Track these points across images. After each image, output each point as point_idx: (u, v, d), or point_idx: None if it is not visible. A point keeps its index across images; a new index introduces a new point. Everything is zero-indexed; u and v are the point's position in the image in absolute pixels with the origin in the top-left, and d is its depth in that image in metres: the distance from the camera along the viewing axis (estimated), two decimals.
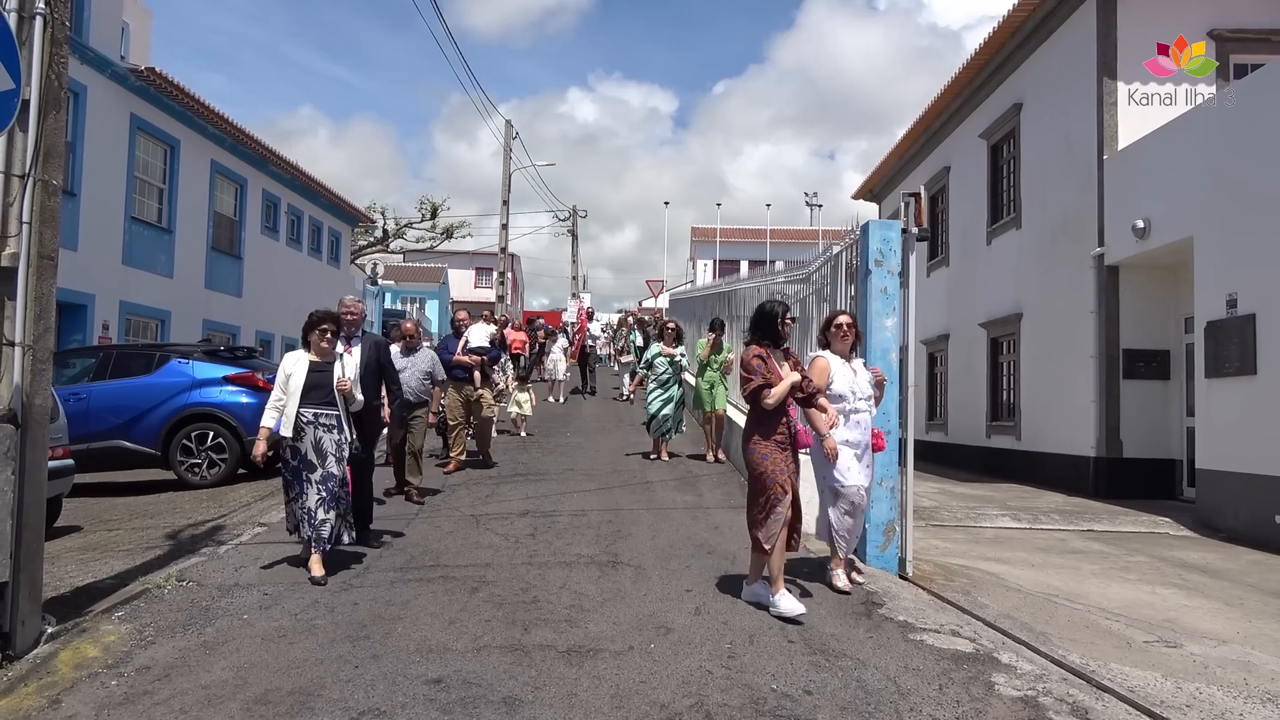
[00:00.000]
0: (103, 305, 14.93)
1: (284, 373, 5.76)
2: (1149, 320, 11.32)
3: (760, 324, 5.32)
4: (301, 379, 5.68)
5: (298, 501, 5.71)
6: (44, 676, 3.92)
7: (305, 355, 5.80)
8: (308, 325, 5.84)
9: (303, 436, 5.66)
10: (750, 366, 5.07)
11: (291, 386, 5.69)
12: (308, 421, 5.69)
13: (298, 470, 5.70)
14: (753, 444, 5.07)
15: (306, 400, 5.67)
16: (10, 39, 4.07)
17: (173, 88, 16.08)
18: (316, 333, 5.82)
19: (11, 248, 4.18)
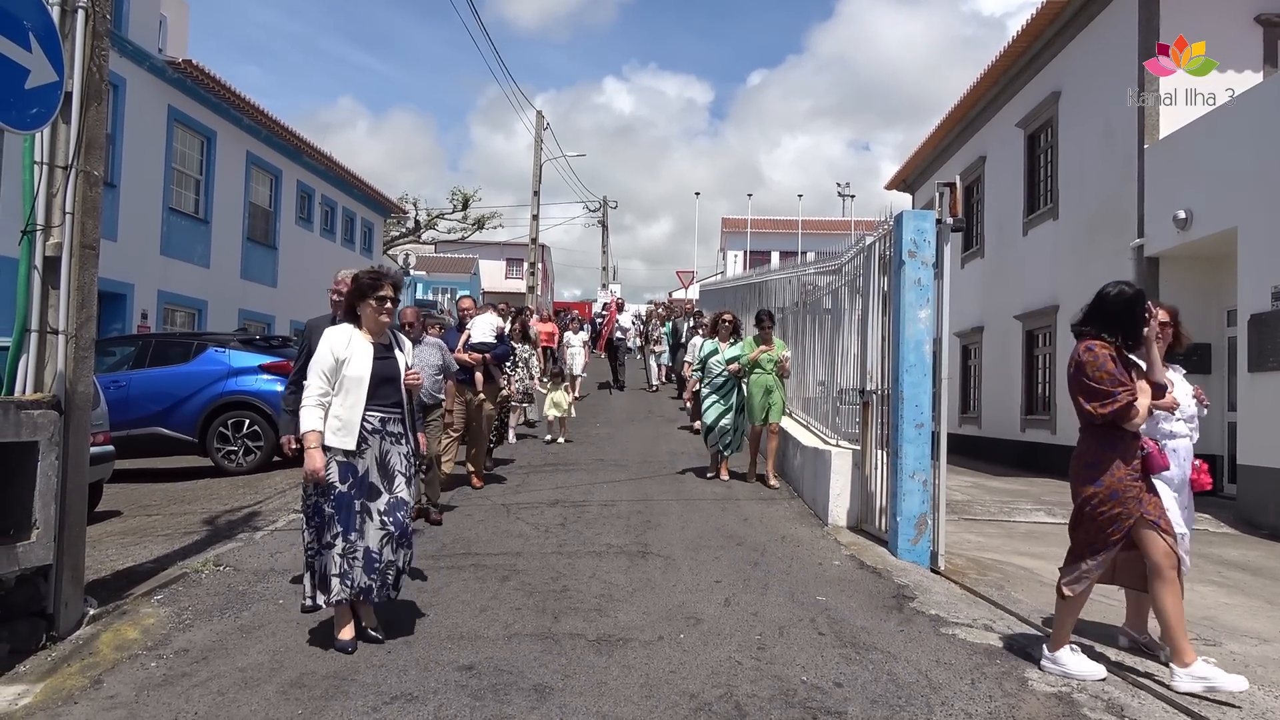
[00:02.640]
0: (142, 294, 15.21)
1: (331, 355, 4.09)
2: (1190, 313, 10.92)
3: (1113, 313, 3.97)
4: (366, 368, 4.10)
5: (340, 544, 4.05)
6: (86, 657, 4.01)
7: (359, 334, 4.22)
8: (358, 290, 4.23)
9: (364, 450, 4.09)
10: (1106, 373, 3.85)
11: (349, 378, 4.09)
12: (373, 430, 4.12)
13: (346, 500, 4.06)
14: (1106, 475, 3.91)
15: (372, 400, 4.12)
16: (54, 32, 4.15)
17: (209, 80, 16.30)
18: (373, 302, 4.19)
19: (55, 237, 4.26)
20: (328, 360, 4.09)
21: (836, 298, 8.93)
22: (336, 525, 4.05)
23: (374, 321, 4.22)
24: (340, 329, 4.22)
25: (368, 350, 4.16)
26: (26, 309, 4.20)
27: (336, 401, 4.06)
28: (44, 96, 4.07)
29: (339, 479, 4.05)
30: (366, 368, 4.11)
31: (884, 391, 6.82)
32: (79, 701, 3.52)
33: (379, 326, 4.23)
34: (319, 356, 4.12)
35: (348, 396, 4.07)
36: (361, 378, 4.08)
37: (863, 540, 6.80)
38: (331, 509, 4.05)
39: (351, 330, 4.21)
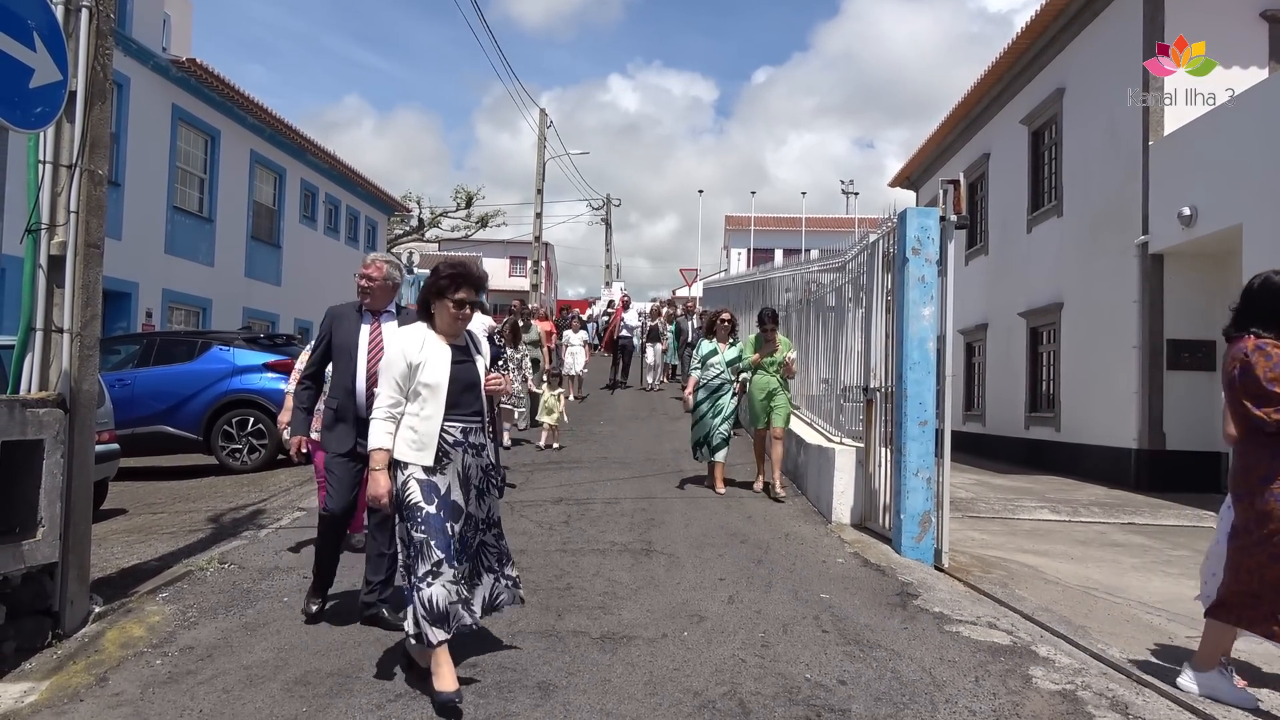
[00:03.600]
0: (146, 293, 15.24)
1: (404, 360, 3.53)
2: (1194, 310, 11.06)
3: (1272, 307, 3.58)
4: (444, 374, 3.55)
5: (449, 572, 3.44)
6: (91, 655, 4.02)
7: (434, 335, 3.65)
8: (435, 288, 3.63)
9: (444, 466, 3.54)
10: None
11: (425, 385, 3.53)
12: (454, 442, 3.56)
13: (437, 522, 3.46)
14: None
15: (452, 409, 3.57)
16: (58, 31, 4.15)
17: (213, 79, 16.32)
18: (451, 305, 3.61)
19: (60, 236, 4.28)
20: (399, 365, 3.52)
21: (840, 295, 8.92)
22: (435, 552, 3.40)
23: (451, 324, 3.65)
24: (412, 330, 3.66)
25: (445, 353, 3.59)
26: (31, 308, 4.21)
27: (411, 412, 3.53)
28: (48, 95, 4.08)
29: (423, 498, 3.46)
30: (445, 373, 3.55)
31: (888, 389, 6.81)
32: (84, 699, 3.53)
33: (456, 329, 3.68)
34: (389, 362, 3.56)
35: (424, 406, 3.52)
36: (439, 384, 3.52)
37: (866, 538, 6.79)
38: (423, 534, 3.42)
39: (425, 331, 3.64)
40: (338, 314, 4.58)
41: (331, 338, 4.50)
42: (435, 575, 3.39)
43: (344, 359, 4.45)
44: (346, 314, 4.54)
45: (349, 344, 4.43)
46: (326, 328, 4.55)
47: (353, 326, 4.47)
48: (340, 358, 4.47)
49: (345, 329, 4.48)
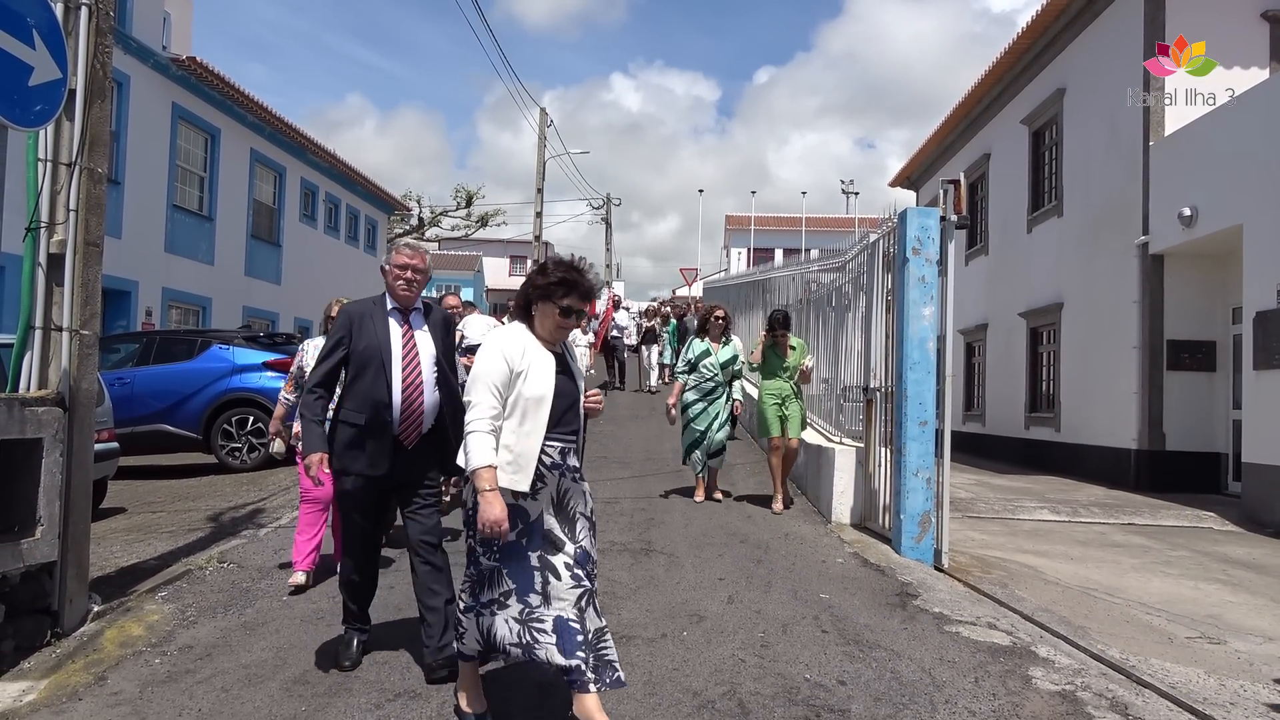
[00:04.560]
0: (146, 292, 15.23)
1: (506, 366, 3.08)
2: (1195, 310, 11.06)
3: None
4: (549, 386, 3.12)
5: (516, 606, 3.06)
6: (90, 654, 4.01)
7: (534, 340, 3.20)
8: (542, 290, 3.18)
9: (538, 491, 3.09)
10: None
11: (527, 398, 3.08)
12: (552, 464, 3.13)
13: (517, 551, 3.08)
14: None
15: (554, 428, 3.13)
16: (57, 29, 4.15)
17: (213, 77, 16.31)
18: (559, 308, 3.18)
19: (59, 235, 4.27)
20: (500, 371, 3.06)
21: (840, 295, 8.92)
22: (507, 581, 3.06)
23: (553, 331, 3.21)
24: (513, 332, 3.20)
25: (549, 363, 3.15)
26: (31, 306, 4.21)
27: (507, 428, 3.06)
28: (48, 94, 4.07)
29: (527, 524, 3.09)
30: (550, 385, 3.10)
31: (888, 389, 6.81)
32: (83, 698, 3.53)
33: (558, 338, 3.24)
34: (489, 367, 3.07)
35: (524, 421, 3.06)
36: (543, 398, 3.08)
37: (866, 538, 6.79)
38: (494, 562, 3.07)
39: (526, 335, 3.19)
40: (359, 313, 3.90)
41: (352, 341, 3.83)
42: (500, 606, 3.06)
43: (372, 366, 3.77)
44: (370, 313, 3.89)
45: (378, 349, 3.78)
46: (344, 329, 3.86)
47: (380, 328, 3.83)
48: (367, 365, 3.78)
49: (371, 331, 3.82)
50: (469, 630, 3.14)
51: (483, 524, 2.94)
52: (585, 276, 3.21)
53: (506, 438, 3.06)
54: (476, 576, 3.14)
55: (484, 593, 3.10)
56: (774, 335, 7.89)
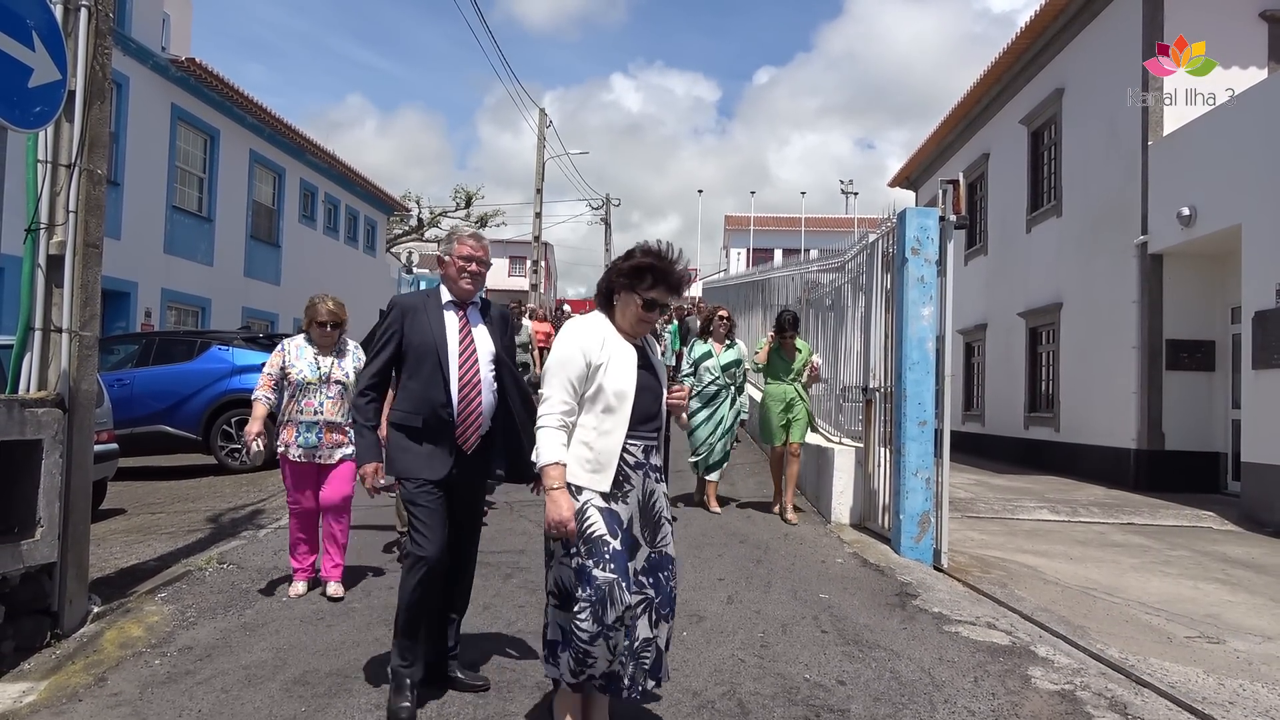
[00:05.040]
0: (145, 293, 15.23)
1: (583, 359, 2.91)
2: (1193, 310, 11.06)
3: None
4: (632, 380, 2.94)
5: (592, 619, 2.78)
6: (90, 655, 4.01)
7: (616, 332, 3.02)
8: (629, 275, 2.98)
9: (627, 493, 2.93)
10: None
11: (609, 392, 2.90)
12: (636, 463, 2.97)
13: (622, 561, 2.85)
14: None
15: (637, 425, 2.97)
16: (57, 31, 4.15)
17: (212, 78, 16.31)
18: (642, 299, 2.97)
19: (59, 236, 4.27)
20: (577, 364, 2.89)
21: (839, 295, 8.92)
22: (626, 596, 2.83)
23: (635, 324, 3.00)
24: (590, 322, 3.01)
25: (630, 356, 2.97)
26: (30, 307, 4.21)
27: (586, 424, 2.89)
28: (47, 95, 4.07)
29: (607, 530, 2.83)
30: (632, 380, 2.92)
31: (887, 389, 6.82)
32: (83, 699, 3.53)
33: (639, 330, 3.04)
34: (564, 359, 2.91)
35: (605, 417, 2.89)
36: (627, 392, 2.90)
37: (866, 538, 6.80)
38: (612, 575, 2.79)
39: (606, 325, 3.00)
40: (411, 306, 3.64)
41: (404, 336, 3.58)
42: (622, 622, 2.80)
43: (427, 363, 3.53)
44: (423, 306, 3.63)
45: (433, 344, 3.54)
46: (395, 324, 3.59)
47: (435, 322, 3.58)
48: (422, 362, 3.54)
49: (425, 325, 3.57)
50: (599, 659, 2.77)
51: (549, 523, 2.79)
52: (674, 266, 2.97)
53: (586, 434, 2.89)
54: (595, 596, 2.76)
55: (609, 612, 2.76)
56: (782, 337, 7.60)
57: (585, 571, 2.80)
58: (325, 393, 4.95)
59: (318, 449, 4.95)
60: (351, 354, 5.12)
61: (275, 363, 4.97)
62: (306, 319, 5.04)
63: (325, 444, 4.97)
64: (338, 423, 4.98)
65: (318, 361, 4.97)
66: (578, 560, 2.82)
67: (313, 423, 4.92)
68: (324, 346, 5.01)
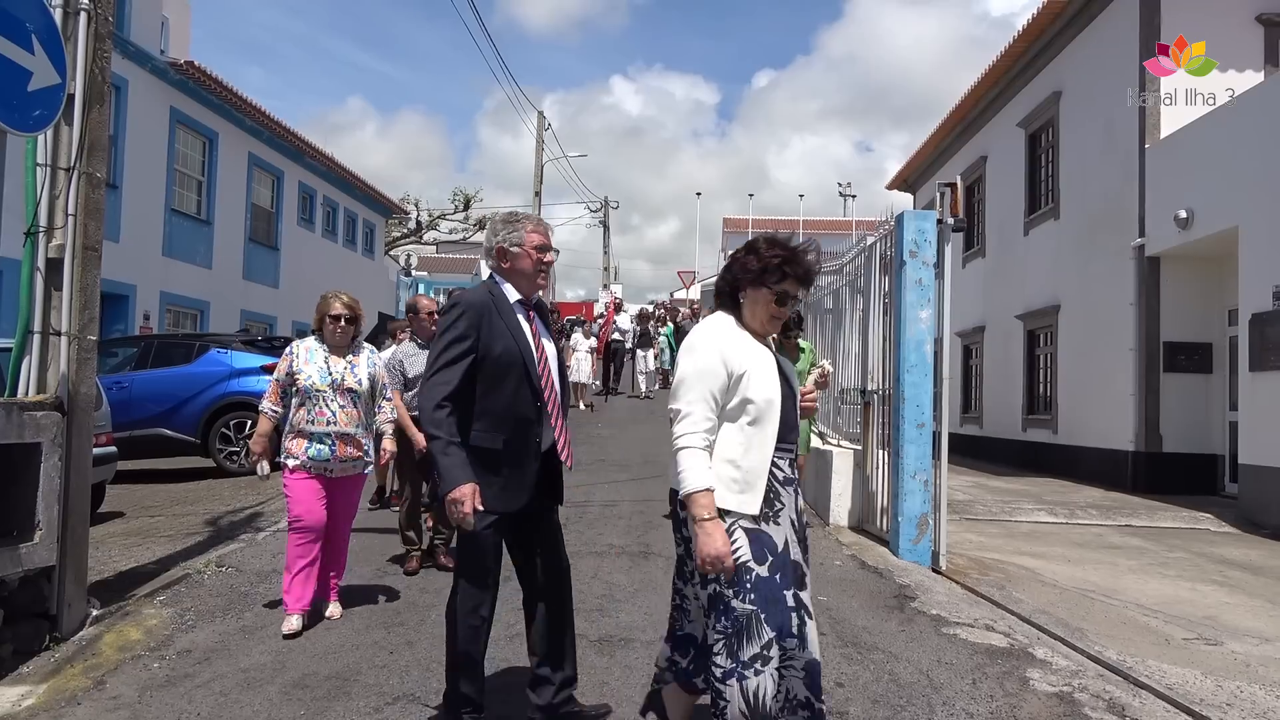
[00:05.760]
0: (144, 296, 15.23)
1: (723, 365, 2.56)
2: (1191, 312, 11.08)
3: None
4: (777, 388, 2.61)
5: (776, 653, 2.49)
6: (89, 658, 4.01)
7: (748, 334, 2.69)
8: (758, 268, 2.65)
9: (779, 512, 2.60)
10: None
11: (755, 403, 2.56)
12: (784, 479, 2.63)
13: (771, 590, 2.51)
14: None
15: (783, 437, 2.63)
16: (56, 34, 4.16)
17: (211, 81, 16.32)
18: (774, 294, 2.65)
19: (58, 239, 4.28)
20: (718, 374, 2.55)
21: (838, 298, 8.93)
22: (766, 629, 2.47)
23: (767, 323, 2.69)
24: (721, 325, 2.68)
25: (769, 359, 2.66)
26: (29, 310, 4.21)
27: (730, 439, 2.57)
28: (47, 99, 4.08)
29: (753, 557, 2.51)
30: (777, 385, 2.60)
31: (885, 391, 6.82)
32: (82, 703, 3.53)
33: (770, 330, 2.72)
34: (704, 367, 2.55)
35: (751, 430, 2.56)
36: (773, 401, 2.58)
37: (864, 540, 6.80)
38: (751, 605, 2.47)
39: (738, 328, 2.69)
40: (484, 307, 3.07)
41: (481, 342, 3.02)
42: (764, 660, 2.48)
43: (512, 375, 3.04)
44: (496, 307, 3.09)
45: (517, 352, 3.05)
46: (471, 327, 3.02)
47: (513, 325, 3.08)
48: (505, 373, 3.03)
49: (503, 330, 3.05)
50: (731, 701, 2.47)
51: (702, 558, 2.46)
52: (805, 256, 2.70)
53: (730, 451, 2.56)
54: (732, 629, 2.50)
55: (745, 648, 2.48)
56: (785, 336, 7.48)
57: (722, 601, 2.51)
58: (338, 400, 4.50)
59: (329, 463, 4.49)
60: (366, 357, 4.70)
61: (283, 368, 4.54)
62: (317, 316, 4.62)
63: (338, 457, 4.50)
64: (352, 434, 4.54)
65: (329, 366, 4.52)
66: (714, 587, 2.54)
67: (325, 434, 4.46)
68: (337, 347, 4.59)
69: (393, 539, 6.20)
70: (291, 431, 4.50)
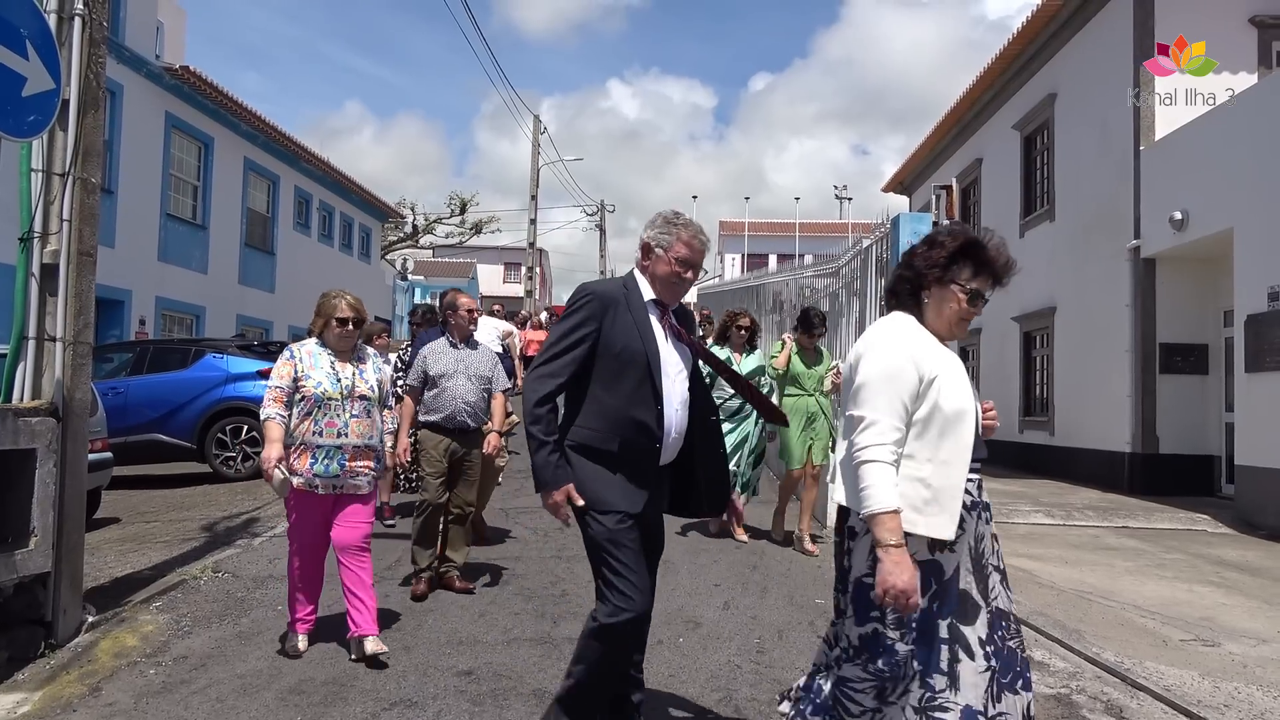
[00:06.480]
0: (139, 301, 15.20)
1: (915, 370, 2.32)
2: (1186, 314, 11.11)
3: None
4: (970, 398, 2.38)
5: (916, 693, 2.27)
6: (85, 665, 4.00)
7: (934, 339, 2.45)
8: (946, 263, 2.44)
9: (958, 538, 2.32)
10: None
11: (945, 414, 2.32)
12: (972, 502, 2.38)
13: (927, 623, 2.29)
14: None
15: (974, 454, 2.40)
16: (50, 40, 4.15)
17: (206, 86, 16.31)
18: (964, 292, 2.43)
19: (53, 245, 4.27)
20: (910, 379, 2.30)
21: (834, 300, 8.94)
22: (912, 664, 2.27)
23: (955, 325, 2.46)
24: (909, 327, 2.43)
25: (960, 364, 2.41)
26: (24, 316, 4.20)
27: (918, 454, 2.30)
28: (41, 104, 4.07)
29: (935, 582, 2.29)
30: (970, 394, 2.37)
31: None
32: (78, 709, 3.52)
33: (959, 332, 2.48)
34: (894, 371, 2.30)
35: (942, 446, 2.31)
36: (966, 411, 2.33)
37: None
38: (909, 645, 2.26)
39: (923, 330, 2.44)
40: (611, 299, 2.91)
41: (602, 335, 2.87)
42: (901, 693, 2.26)
43: (633, 373, 2.85)
44: (625, 301, 2.93)
45: (642, 351, 2.86)
46: (594, 317, 2.87)
47: (641, 321, 2.90)
48: (624, 371, 2.85)
49: (629, 325, 2.89)
50: None
51: (886, 590, 2.14)
52: (999, 250, 2.46)
53: (919, 469, 2.29)
54: (889, 673, 2.26)
55: (909, 692, 2.26)
56: (811, 334, 6.66)
57: (881, 642, 2.24)
58: (349, 410, 4.10)
59: (339, 479, 4.10)
60: (372, 361, 4.33)
61: (284, 373, 4.11)
62: (320, 319, 4.21)
63: (348, 473, 4.11)
64: (365, 446, 4.15)
65: (336, 371, 4.13)
66: (877, 626, 2.26)
67: (336, 447, 4.06)
68: (342, 352, 4.20)
69: (384, 545, 6.19)
70: (294, 445, 4.06)
